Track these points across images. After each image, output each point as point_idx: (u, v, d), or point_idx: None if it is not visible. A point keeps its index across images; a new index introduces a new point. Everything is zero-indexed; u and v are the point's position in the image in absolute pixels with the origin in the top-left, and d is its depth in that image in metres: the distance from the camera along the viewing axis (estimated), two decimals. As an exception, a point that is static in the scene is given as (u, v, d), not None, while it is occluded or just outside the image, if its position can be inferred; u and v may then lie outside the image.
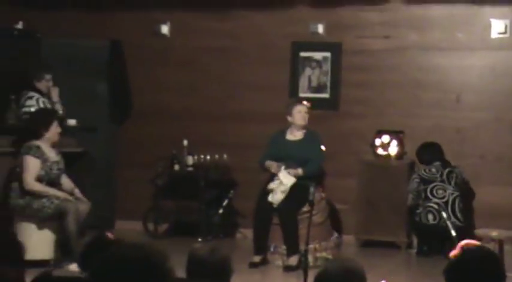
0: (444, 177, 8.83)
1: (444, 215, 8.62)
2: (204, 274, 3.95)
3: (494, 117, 9.26)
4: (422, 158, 9.01)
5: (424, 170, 8.91)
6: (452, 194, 8.75)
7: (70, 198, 7.65)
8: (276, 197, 7.95)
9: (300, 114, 8.20)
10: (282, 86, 9.76)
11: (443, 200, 8.72)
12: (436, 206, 8.71)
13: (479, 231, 8.27)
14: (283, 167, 8.04)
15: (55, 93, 8.65)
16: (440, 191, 8.77)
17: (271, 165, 8.12)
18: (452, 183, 8.82)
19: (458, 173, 8.91)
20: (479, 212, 9.13)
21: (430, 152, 9.00)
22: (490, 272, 3.50)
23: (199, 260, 4.04)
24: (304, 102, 8.32)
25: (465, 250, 3.70)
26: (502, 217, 8.53)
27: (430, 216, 8.74)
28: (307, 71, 9.80)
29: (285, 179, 7.96)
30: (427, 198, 8.77)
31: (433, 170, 8.86)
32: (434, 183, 8.81)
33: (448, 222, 8.55)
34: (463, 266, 3.53)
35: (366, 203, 9.27)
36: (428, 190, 8.79)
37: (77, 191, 7.84)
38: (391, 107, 9.52)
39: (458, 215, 8.64)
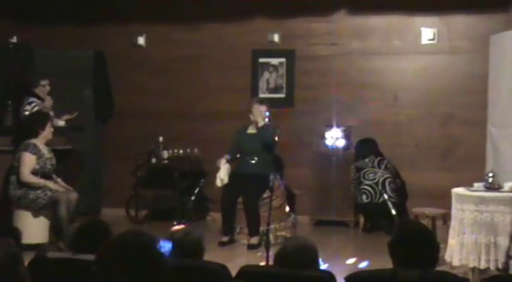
0: (375, 163, 8.91)
1: (385, 196, 8.69)
2: (181, 253, 3.95)
3: (426, 112, 9.33)
4: (358, 153, 9.08)
5: (359, 161, 9.00)
6: (382, 176, 8.83)
7: (61, 189, 7.59)
8: (218, 181, 8.14)
9: (261, 114, 8.18)
10: (244, 88, 9.75)
11: (374, 181, 8.81)
12: (368, 188, 8.80)
13: (415, 210, 8.33)
14: (222, 160, 8.21)
15: (48, 102, 8.56)
16: (371, 175, 8.86)
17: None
18: (382, 167, 8.90)
19: (389, 161, 8.99)
20: (415, 193, 9.19)
21: (365, 147, 9.07)
22: (427, 243, 3.53)
23: (176, 242, 4.03)
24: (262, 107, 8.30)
25: (405, 225, 3.72)
26: (433, 197, 8.56)
27: (364, 196, 8.84)
28: (266, 74, 9.80)
29: (221, 169, 8.15)
30: (361, 182, 8.85)
31: (366, 160, 8.96)
32: (366, 169, 8.90)
33: (389, 203, 8.61)
34: (404, 239, 3.55)
35: (318, 188, 9.30)
36: (362, 175, 8.88)
37: (59, 180, 7.77)
38: (338, 104, 9.51)
39: (390, 193, 8.72)
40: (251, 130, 8.33)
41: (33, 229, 7.43)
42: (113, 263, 2.67)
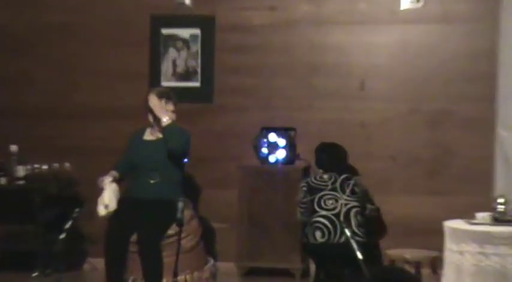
0: (337, 184, 8.78)
1: (348, 233, 8.59)
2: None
3: (407, 108, 9.40)
4: (321, 162, 8.96)
5: (315, 177, 8.86)
6: (346, 204, 8.69)
7: None
8: (100, 209, 8.10)
9: (163, 109, 8.11)
10: (139, 73, 9.76)
11: (334, 212, 8.67)
12: (325, 221, 8.67)
13: (390, 252, 8.35)
14: (107, 178, 8.14)
15: None
16: (330, 202, 8.71)
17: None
18: (347, 191, 8.74)
19: (357, 181, 8.86)
20: (390, 227, 9.28)
21: (327, 157, 8.94)
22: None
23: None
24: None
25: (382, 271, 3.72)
26: (417, 233, 8.70)
27: (318, 234, 8.67)
28: (172, 52, 9.82)
29: (105, 191, 8.10)
30: (314, 211, 8.71)
31: (325, 176, 8.80)
32: (324, 192, 8.74)
33: (352, 242, 8.53)
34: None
35: (249, 221, 9.32)
36: (316, 201, 8.72)
37: None
38: (278, 97, 9.61)
39: (356, 229, 8.60)
40: (149, 136, 8.25)
41: None
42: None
